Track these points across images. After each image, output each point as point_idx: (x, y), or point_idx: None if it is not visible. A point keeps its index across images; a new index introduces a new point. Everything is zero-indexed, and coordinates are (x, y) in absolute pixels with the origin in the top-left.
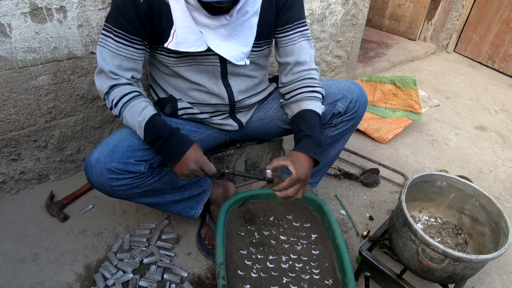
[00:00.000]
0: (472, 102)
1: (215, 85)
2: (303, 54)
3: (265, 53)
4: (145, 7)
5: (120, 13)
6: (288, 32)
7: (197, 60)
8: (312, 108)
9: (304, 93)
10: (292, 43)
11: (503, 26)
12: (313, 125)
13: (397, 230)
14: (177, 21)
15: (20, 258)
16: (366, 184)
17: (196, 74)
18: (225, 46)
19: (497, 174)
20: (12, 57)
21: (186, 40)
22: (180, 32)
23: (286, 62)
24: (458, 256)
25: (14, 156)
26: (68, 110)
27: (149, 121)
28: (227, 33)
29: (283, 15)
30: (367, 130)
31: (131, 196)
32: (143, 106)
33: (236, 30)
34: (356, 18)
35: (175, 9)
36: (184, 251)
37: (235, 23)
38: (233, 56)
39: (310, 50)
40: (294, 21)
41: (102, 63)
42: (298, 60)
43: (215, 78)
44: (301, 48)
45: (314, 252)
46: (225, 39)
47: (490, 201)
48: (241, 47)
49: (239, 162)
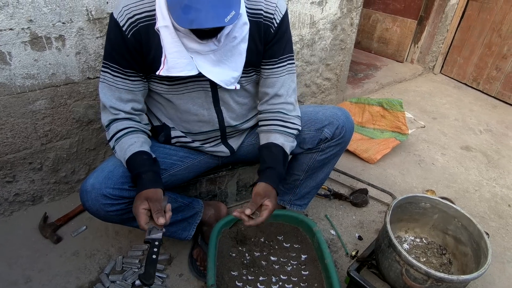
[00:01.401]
0: (457, 122)
1: (207, 111)
2: (282, 88)
3: (253, 79)
4: (133, 41)
5: (112, 49)
6: (273, 65)
7: (188, 87)
8: (278, 142)
9: (274, 126)
10: (275, 76)
11: (486, 49)
12: (277, 158)
13: (383, 251)
14: (167, 46)
15: (12, 280)
16: (356, 204)
17: (188, 102)
18: (215, 71)
19: (482, 193)
20: (11, 83)
21: (177, 64)
22: (170, 57)
23: (265, 92)
24: (440, 276)
25: (9, 178)
26: (64, 133)
27: (128, 160)
28: (216, 58)
29: (270, 49)
30: (356, 150)
31: (125, 221)
32: (130, 143)
33: (226, 55)
34: (344, 42)
35: (165, 36)
36: (176, 272)
37: (224, 48)
38: (223, 81)
39: (290, 84)
40: (279, 56)
41: (103, 98)
42: (277, 93)
43: (207, 104)
44: (282, 82)
45: (303, 272)
46: (215, 65)
47: (471, 222)
48: (231, 72)
49: (231, 183)
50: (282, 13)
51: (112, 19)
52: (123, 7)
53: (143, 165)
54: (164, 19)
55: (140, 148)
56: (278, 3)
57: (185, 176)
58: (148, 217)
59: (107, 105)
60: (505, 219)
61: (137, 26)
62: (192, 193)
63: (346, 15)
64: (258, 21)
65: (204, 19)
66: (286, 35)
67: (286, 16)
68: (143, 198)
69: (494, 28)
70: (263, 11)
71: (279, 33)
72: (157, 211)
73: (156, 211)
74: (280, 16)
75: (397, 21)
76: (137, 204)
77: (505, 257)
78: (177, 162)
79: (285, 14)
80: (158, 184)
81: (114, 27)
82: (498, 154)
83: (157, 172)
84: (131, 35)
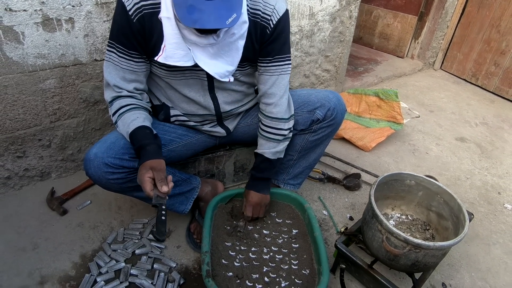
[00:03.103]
0: (454, 115)
1: (203, 97)
2: (274, 87)
3: (247, 72)
4: (138, 25)
5: (118, 30)
6: (267, 63)
7: (186, 74)
8: (263, 153)
9: (264, 132)
10: (267, 74)
11: (485, 45)
12: (261, 169)
13: (367, 223)
14: (167, 37)
15: (20, 247)
16: (348, 188)
17: (185, 87)
18: (212, 64)
19: (473, 181)
20: (24, 62)
21: (174, 55)
22: (169, 47)
23: (259, 87)
24: (417, 242)
25: (20, 154)
26: (71, 112)
27: (132, 133)
28: (214, 52)
29: (266, 48)
30: (352, 138)
31: (125, 190)
32: (133, 118)
33: (223, 50)
34: (343, 35)
35: (166, 26)
36: (174, 244)
37: (222, 43)
38: (218, 73)
39: (282, 84)
40: (274, 55)
41: (108, 76)
42: (268, 91)
43: (203, 91)
44: (274, 81)
45: (294, 245)
46: (212, 57)
47: (452, 198)
48: (226, 65)
49: (228, 164)
50: (280, 15)
51: (120, 2)
52: None
53: (146, 138)
54: (168, 11)
55: (143, 123)
56: (276, 4)
57: (183, 153)
58: (152, 185)
59: (111, 83)
60: (494, 205)
61: (141, 12)
62: (191, 171)
63: (345, 7)
64: (256, 21)
65: (207, 20)
66: (282, 36)
67: (284, 18)
68: (148, 167)
69: (493, 24)
70: (261, 11)
71: (274, 34)
72: (160, 180)
73: (160, 180)
74: (277, 18)
75: (398, 17)
76: (142, 173)
77: (491, 239)
78: (175, 139)
79: (283, 16)
80: (161, 156)
81: (121, 10)
82: (492, 145)
83: (159, 146)
84: (137, 20)
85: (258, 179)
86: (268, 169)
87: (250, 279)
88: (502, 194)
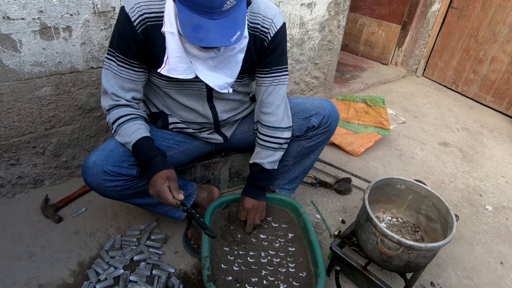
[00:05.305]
0: (437, 121)
1: (201, 107)
2: (271, 97)
3: (245, 83)
4: (141, 36)
5: (120, 39)
6: (265, 74)
7: (185, 85)
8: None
9: (261, 140)
10: (265, 84)
11: (464, 54)
12: (257, 178)
13: (361, 226)
14: (171, 50)
15: (16, 255)
16: (340, 192)
17: (184, 97)
18: (211, 76)
19: (456, 184)
20: (20, 70)
21: (177, 68)
22: (172, 60)
23: (256, 97)
24: (410, 244)
25: (13, 161)
26: (66, 119)
27: (135, 144)
28: (214, 64)
29: (264, 59)
30: (341, 143)
31: (123, 197)
32: (134, 129)
33: (223, 63)
34: (332, 43)
35: (170, 40)
36: (172, 250)
37: (223, 56)
38: (217, 85)
39: (279, 94)
40: (272, 66)
41: (106, 84)
42: (265, 101)
43: (202, 101)
44: (271, 91)
45: (290, 249)
46: (212, 70)
47: (440, 201)
48: (226, 78)
49: (223, 170)
50: (277, 28)
51: (123, 12)
52: (135, 3)
53: (152, 149)
54: (171, 26)
55: (145, 134)
56: (274, 18)
57: (181, 159)
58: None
59: (108, 91)
60: (476, 207)
61: (145, 24)
62: (187, 177)
63: (333, 17)
64: (255, 35)
65: (212, 39)
66: (279, 48)
67: (281, 31)
68: (164, 177)
69: (472, 34)
70: (260, 25)
71: (272, 46)
72: (176, 189)
73: (175, 189)
74: (274, 31)
75: (383, 26)
76: (160, 183)
77: (474, 239)
78: (173, 146)
79: (280, 29)
80: (170, 166)
81: (125, 20)
82: (472, 149)
83: (165, 156)
84: (141, 31)
85: (254, 186)
86: (264, 179)
87: (249, 283)
88: (483, 196)
